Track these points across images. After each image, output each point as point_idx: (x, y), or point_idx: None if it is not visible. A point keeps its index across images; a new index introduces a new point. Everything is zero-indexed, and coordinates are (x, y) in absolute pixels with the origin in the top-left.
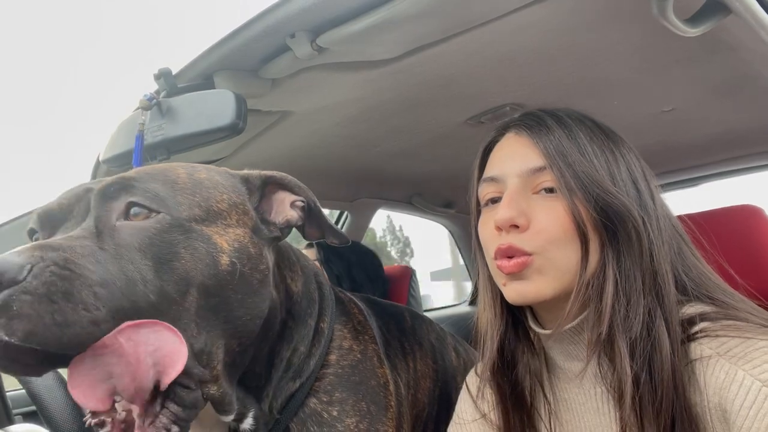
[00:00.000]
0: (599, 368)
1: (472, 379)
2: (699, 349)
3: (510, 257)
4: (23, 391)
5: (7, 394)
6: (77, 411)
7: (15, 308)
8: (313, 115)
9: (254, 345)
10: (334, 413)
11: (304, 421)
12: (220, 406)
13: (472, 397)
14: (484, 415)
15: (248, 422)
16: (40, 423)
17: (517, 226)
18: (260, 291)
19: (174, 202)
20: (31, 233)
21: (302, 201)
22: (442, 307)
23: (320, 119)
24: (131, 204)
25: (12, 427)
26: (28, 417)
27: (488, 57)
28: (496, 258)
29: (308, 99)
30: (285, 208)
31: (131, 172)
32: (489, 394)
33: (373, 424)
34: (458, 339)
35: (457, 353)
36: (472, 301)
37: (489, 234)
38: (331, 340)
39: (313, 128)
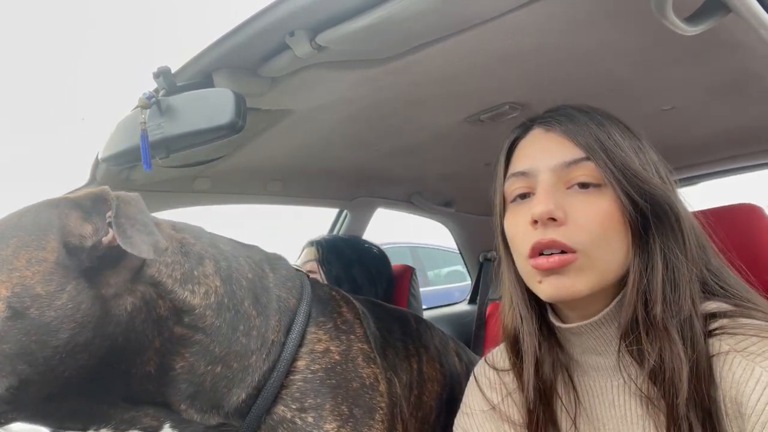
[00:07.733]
0: (620, 362)
1: (481, 370)
2: (717, 344)
3: (548, 255)
4: None
5: None
6: None
7: None
8: (313, 113)
9: (108, 370)
10: (310, 419)
11: (274, 429)
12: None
13: (480, 387)
14: (493, 407)
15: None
16: None
17: (554, 219)
18: (63, 326)
19: None
20: None
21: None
22: (442, 306)
23: (320, 118)
24: None
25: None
26: None
27: (487, 55)
28: (531, 255)
29: (308, 97)
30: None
31: None
32: (501, 386)
33: (357, 427)
34: (459, 343)
35: (459, 358)
36: (472, 300)
37: (521, 230)
38: (301, 346)
39: (312, 127)
